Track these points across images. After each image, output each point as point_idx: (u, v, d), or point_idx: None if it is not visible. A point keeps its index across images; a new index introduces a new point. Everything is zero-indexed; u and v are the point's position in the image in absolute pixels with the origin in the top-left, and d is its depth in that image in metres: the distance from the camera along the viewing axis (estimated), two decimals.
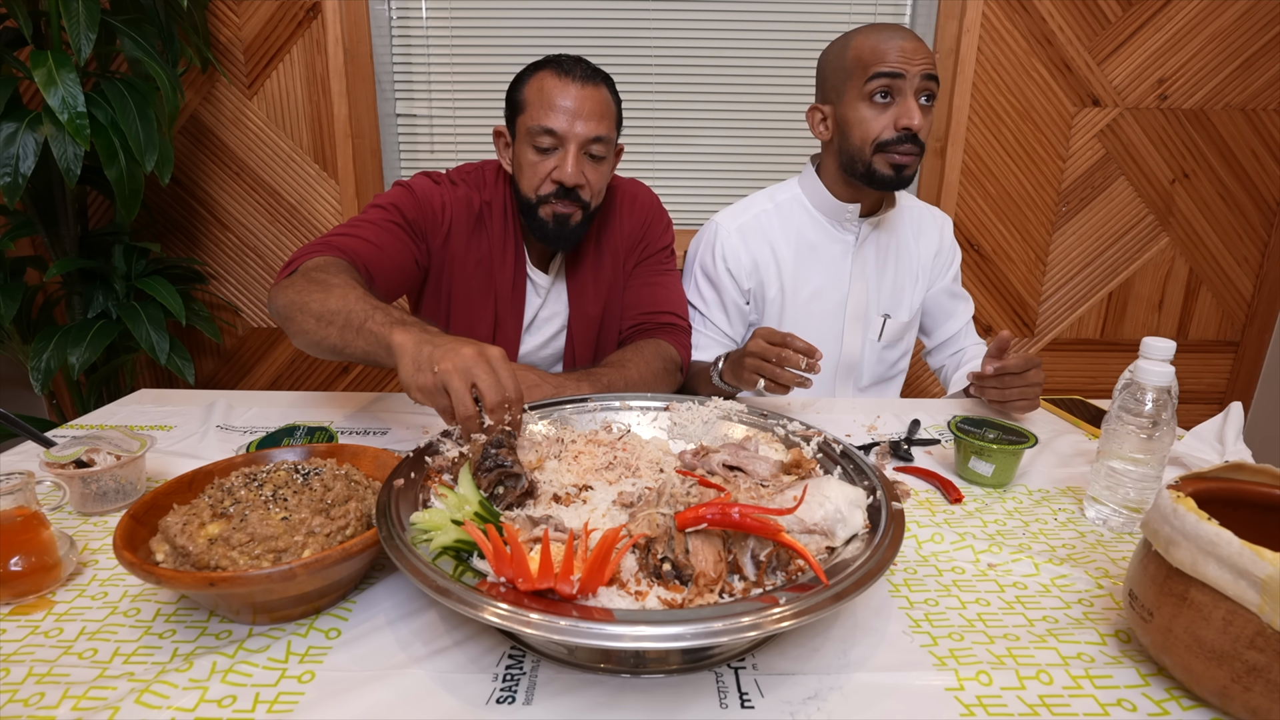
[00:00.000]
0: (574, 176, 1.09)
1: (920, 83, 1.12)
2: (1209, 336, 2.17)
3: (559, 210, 1.12)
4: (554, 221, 1.13)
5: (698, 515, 0.56)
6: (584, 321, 1.28)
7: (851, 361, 1.35)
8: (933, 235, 1.36)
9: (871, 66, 1.13)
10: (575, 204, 1.12)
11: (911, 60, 1.11)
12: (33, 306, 1.84)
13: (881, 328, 1.34)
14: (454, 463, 0.72)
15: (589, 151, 1.11)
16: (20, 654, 0.57)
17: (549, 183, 1.11)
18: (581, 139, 1.08)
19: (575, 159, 1.09)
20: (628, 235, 1.29)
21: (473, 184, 1.22)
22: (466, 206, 1.19)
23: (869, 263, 1.31)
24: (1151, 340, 0.74)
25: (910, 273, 1.34)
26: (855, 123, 1.17)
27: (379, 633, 0.60)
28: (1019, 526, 0.79)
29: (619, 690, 0.54)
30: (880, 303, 1.33)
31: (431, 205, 1.17)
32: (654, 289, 1.29)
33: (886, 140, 1.14)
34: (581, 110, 1.08)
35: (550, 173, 1.10)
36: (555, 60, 1.11)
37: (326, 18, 1.90)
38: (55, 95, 1.40)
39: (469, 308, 1.23)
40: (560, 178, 1.09)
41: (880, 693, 0.54)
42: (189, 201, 2.05)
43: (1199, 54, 1.92)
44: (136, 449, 0.80)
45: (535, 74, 1.11)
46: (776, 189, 1.34)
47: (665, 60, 2.00)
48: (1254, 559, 0.46)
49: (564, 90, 1.08)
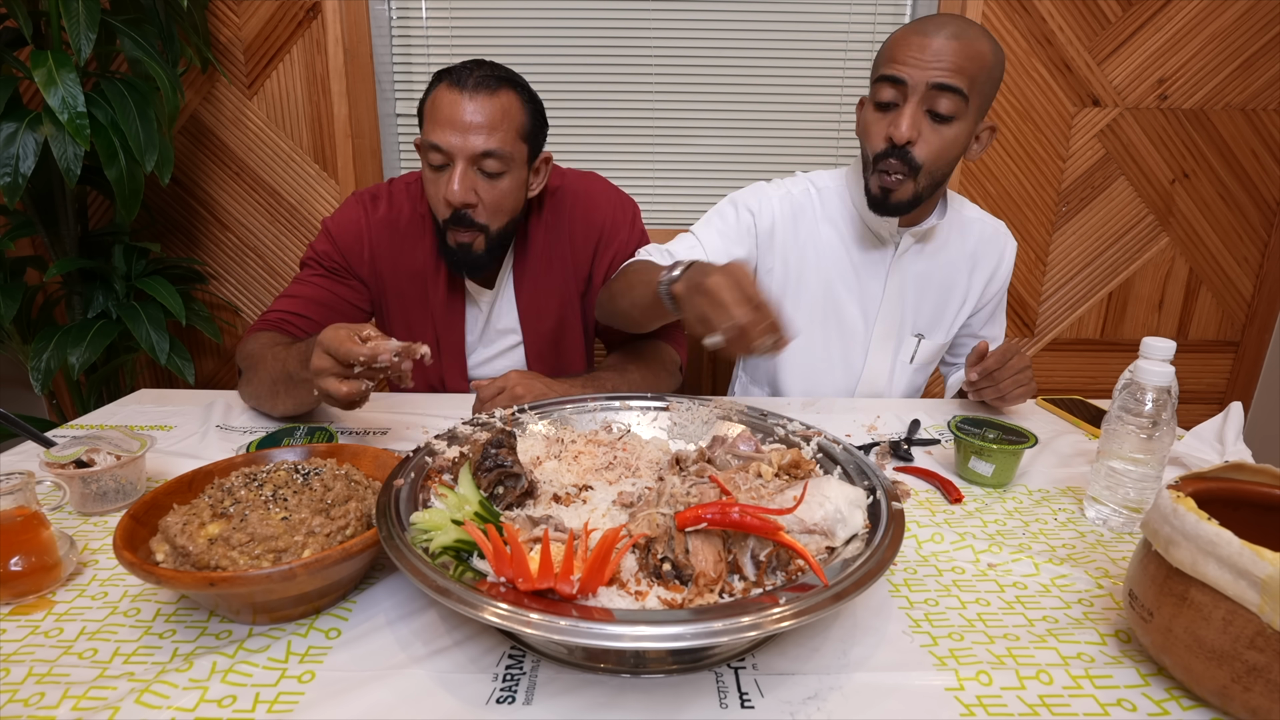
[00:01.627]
0: (459, 195, 1.02)
1: (925, 92, 0.97)
2: (1209, 336, 2.17)
3: (460, 239, 1.07)
4: (458, 249, 1.08)
5: (698, 515, 0.56)
6: (537, 335, 1.24)
7: (875, 384, 1.24)
8: (991, 256, 1.21)
9: (880, 67, 1.02)
10: (472, 229, 1.06)
11: (923, 65, 0.97)
12: (33, 306, 1.84)
13: (915, 350, 1.22)
14: (454, 463, 0.72)
15: (482, 168, 1.03)
16: (20, 654, 0.57)
17: (444, 205, 1.05)
18: (469, 154, 1.01)
19: (462, 176, 1.01)
20: (582, 243, 1.22)
21: (414, 194, 1.19)
22: (392, 224, 1.17)
23: (907, 278, 1.18)
24: (1151, 340, 0.74)
25: (958, 293, 1.20)
26: (864, 126, 1.07)
27: (379, 633, 0.60)
28: (1019, 526, 0.79)
29: (619, 690, 0.54)
30: (917, 322, 1.21)
31: (347, 239, 1.17)
32: None
33: (879, 153, 1.03)
34: (471, 123, 1.00)
35: (444, 192, 1.04)
36: (451, 69, 1.04)
37: (326, 18, 1.90)
38: (55, 95, 1.40)
39: (408, 322, 1.22)
40: (447, 196, 1.02)
41: (880, 693, 0.54)
42: (189, 201, 2.05)
43: (1199, 54, 1.92)
44: (136, 449, 0.80)
45: (435, 86, 1.04)
46: (818, 175, 1.21)
47: (665, 60, 2.00)
48: (1254, 559, 0.46)
49: (453, 102, 1.00)
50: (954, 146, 1.03)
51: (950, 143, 1.02)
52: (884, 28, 1.93)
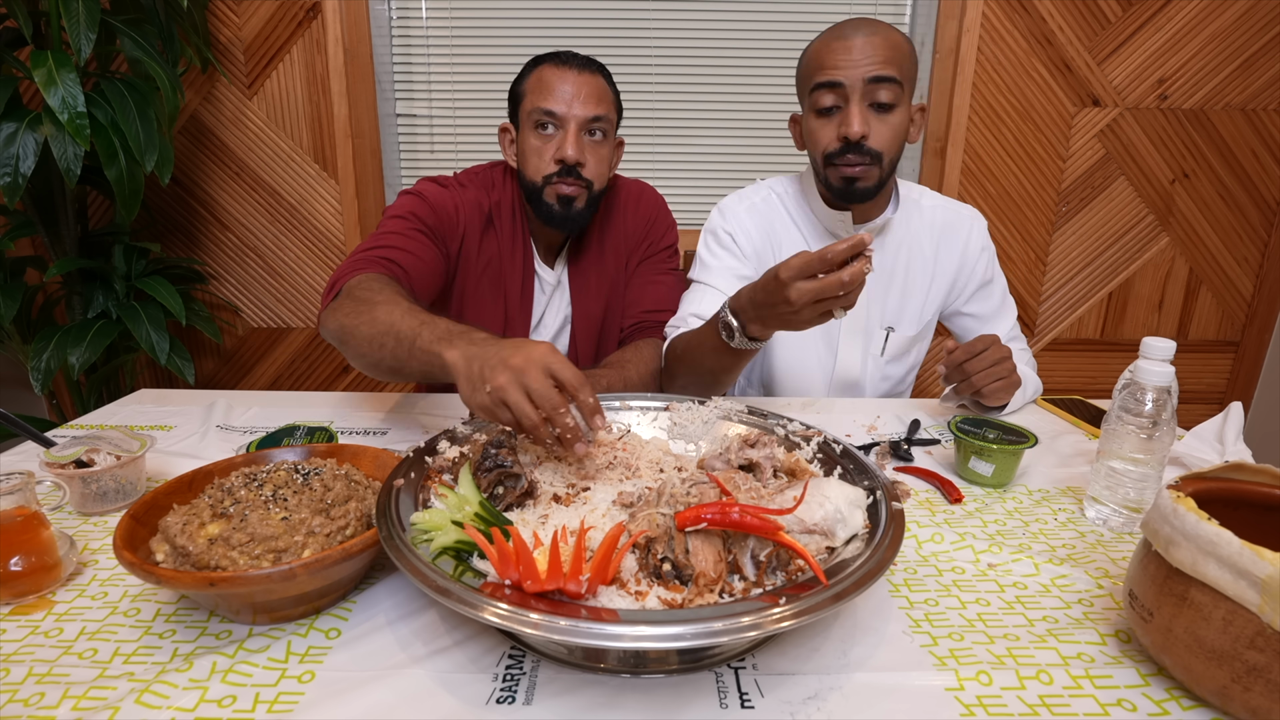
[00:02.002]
0: (575, 153, 1.12)
1: (864, 88, 1.05)
2: (1209, 336, 2.17)
3: (563, 191, 1.14)
4: (559, 203, 1.15)
5: (697, 515, 0.56)
6: (586, 320, 1.29)
7: (850, 378, 1.28)
8: (956, 238, 1.24)
9: (812, 77, 1.09)
10: (578, 183, 1.14)
11: (855, 65, 1.04)
12: (33, 306, 1.84)
13: (884, 342, 1.26)
14: (454, 463, 0.72)
15: (589, 130, 1.14)
16: (20, 654, 0.57)
17: (551, 163, 1.14)
18: (581, 119, 1.12)
19: (576, 137, 1.13)
20: (631, 233, 1.30)
21: (481, 185, 1.23)
22: (477, 209, 1.21)
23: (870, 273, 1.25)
24: (1151, 340, 0.74)
25: (922, 281, 1.24)
26: (809, 134, 1.13)
27: (379, 633, 0.60)
28: (1019, 526, 0.79)
29: (619, 690, 0.54)
30: (884, 315, 1.25)
31: (446, 210, 1.17)
32: (656, 287, 1.29)
33: (831, 152, 1.09)
34: (579, 93, 1.12)
35: (553, 153, 1.13)
36: (553, 54, 1.16)
37: (326, 18, 1.90)
38: (55, 95, 1.40)
39: (479, 310, 1.23)
40: (562, 155, 1.12)
41: (880, 693, 0.54)
42: (189, 201, 2.05)
43: (1199, 54, 1.92)
44: (136, 449, 0.80)
45: (535, 68, 1.16)
46: (774, 181, 1.29)
47: (665, 60, 2.00)
48: (1254, 559, 0.46)
49: (562, 76, 1.13)
50: (900, 132, 1.10)
51: (896, 130, 1.09)
52: None
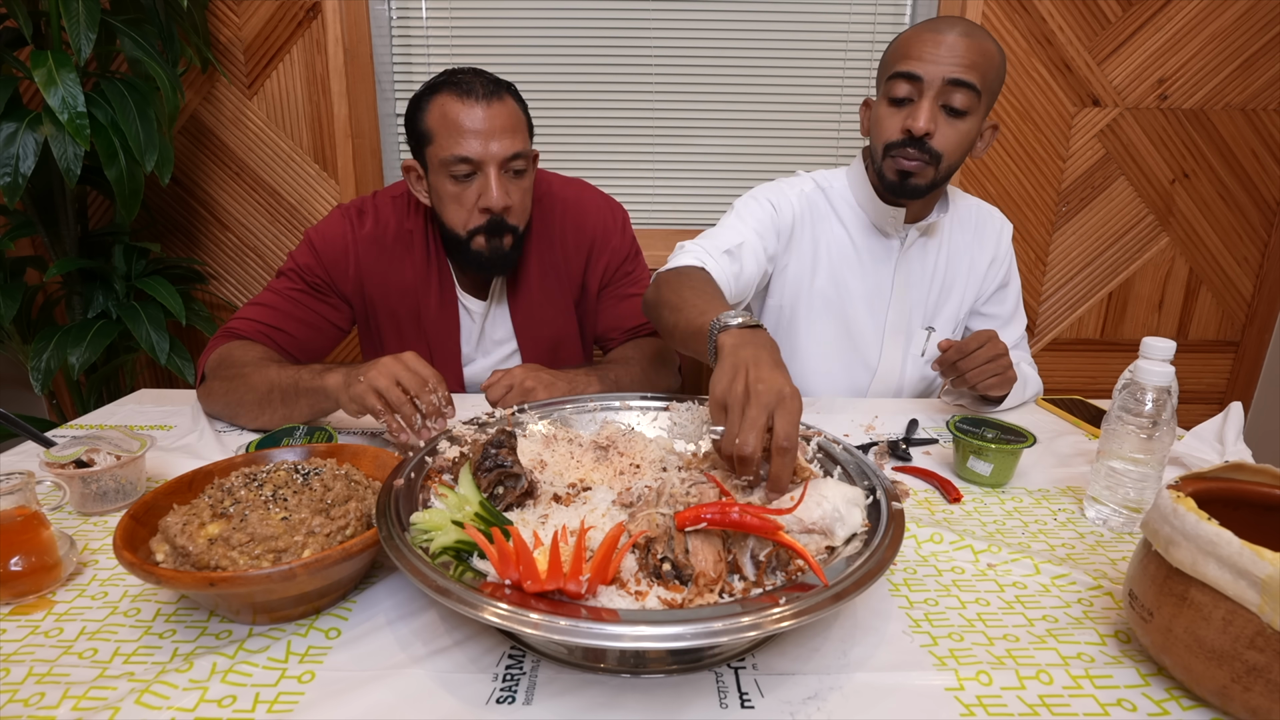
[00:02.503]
0: (501, 199, 1.04)
1: (941, 87, 1.01)
2: (1209, 336, 2.17)
3: (491, 241, 1.09)
4: (489, 251, 1.10)
5: (697, 515, 0.56)
6: (534, 344, 1.25)
7: (890, 379, 1.25)
8: (990, 237, 1.24)
9: (894, 64, 1.05)
10: (507, 231, 1.09)
11: (939, 61, 1.01)
12: (33, 306, 1.84)
13: (925, 343, 1.24)
14: (454, 463, 0.72)
15: (510, 169, 1.06)
16: (20, 654, 0.57)
17: (477, 214, 1.07)
18: (500, 159, 1.03)
19: (498, 180, 1.04)
20: (574, 251, 1.23)
21: (400, 208, 1.19)
22: (379, 240, 1.17)
23: (913, 271, 1.21)
24: (1151, 340, 0.74)
25: (960, 282, 1.23)
26: (876, 121, 1.10)
27: (379, 633, 0.60)
28: (1018, 526, 0.79)
29: (619, 690, 0.54)
30: (926, 315, 1.24)
31: (332, 254, 1.15)
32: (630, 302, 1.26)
33: (892, 143, 1.06)
34: (493, 128, 1.02)
35: (476, 201, 1.06)
36: (451, 81, 1.04)
37: (326, 18, 1.89)
38: (55, 95, 1.40)
39: (400, 336, 1.21)
40: (488, 204, 1.05)
41: (880, 693, 0.54)
42: (189, 201, 2.05)
43: (1199, 54, 1.92)
44: (136, 449, 0.80)
45: (434, 99, 1.04)
46: (820, 174, 1.23)
47: (665, 60, 2.00)
48: (1254, 559, 0.46)
49: (469, 112, 1.01)
50: (967, 140, 1.07)
51: (964, 136, 1.06)
52: (884, 28, 1.93)
